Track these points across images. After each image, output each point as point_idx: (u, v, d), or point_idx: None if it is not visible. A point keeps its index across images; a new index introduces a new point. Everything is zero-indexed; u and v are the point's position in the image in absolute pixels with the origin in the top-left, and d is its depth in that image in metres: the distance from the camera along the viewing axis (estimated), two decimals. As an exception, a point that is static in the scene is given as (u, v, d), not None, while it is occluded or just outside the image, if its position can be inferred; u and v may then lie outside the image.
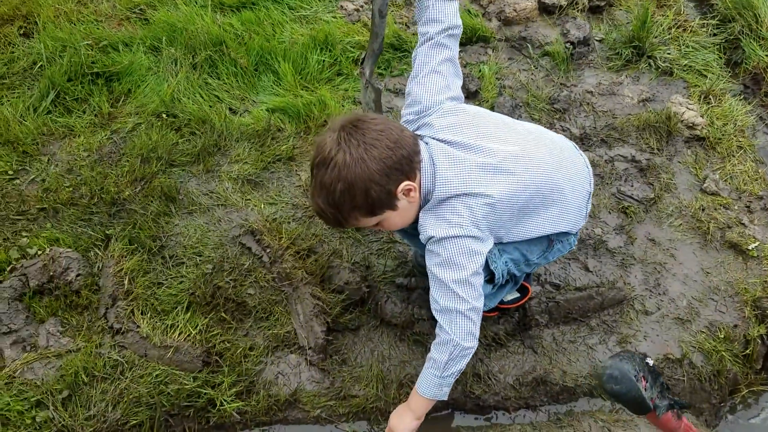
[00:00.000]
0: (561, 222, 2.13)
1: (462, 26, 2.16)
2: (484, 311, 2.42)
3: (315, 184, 1.91)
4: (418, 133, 2.05)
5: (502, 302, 2.45)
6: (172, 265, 2.70)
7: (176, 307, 2.56)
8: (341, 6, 3.64)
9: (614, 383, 1.06)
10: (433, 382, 2.05)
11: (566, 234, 2.22)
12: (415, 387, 2.10)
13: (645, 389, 1.07)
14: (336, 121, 1.91)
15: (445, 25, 2.09)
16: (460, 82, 2.16)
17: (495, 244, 2.06)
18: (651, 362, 1.09)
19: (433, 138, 2.00)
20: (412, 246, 2.53)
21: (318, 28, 3.43)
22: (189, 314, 2.55)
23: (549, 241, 2.21)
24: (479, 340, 2.45)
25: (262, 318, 2.58)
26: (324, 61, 3.32)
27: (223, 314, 2.56)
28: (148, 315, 2.53)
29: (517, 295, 2.49)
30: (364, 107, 2.65)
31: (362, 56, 2.48)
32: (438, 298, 1.99)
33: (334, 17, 3.58)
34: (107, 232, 2.74)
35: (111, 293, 2.55)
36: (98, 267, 2.64)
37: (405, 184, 1.89)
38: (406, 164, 1.89)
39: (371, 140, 1.84)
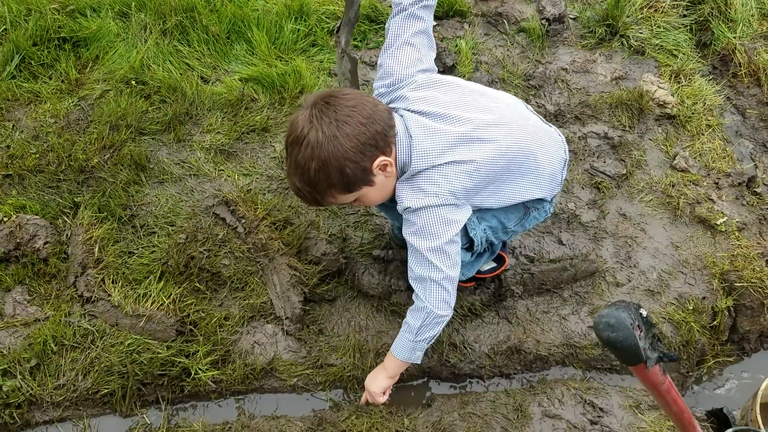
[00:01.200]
0: (536, 189, 2.15)
1: None
2: (461, 281, 2.44)
3: (290, 163, 1.88)
4: (392, 106, 2.03)
5: (479, 272, 2.46)
6: (144, 235, 2.64)
7: (148, 277, 2.51)
8: (316, -23, 3.58)
9: (611, 331, 1.07)
10: (407, 345, 2.07)
11: (542, 201, 2.24)
12: (391, 349, 2.12)
13: (639, 338, 1.08)
14: (309, 98, 1.88)
15: None
16: (434, 55, 2.14)
17: (473, 212, 2.06)
18: (645, 313, 1.10)
19: (408, 110, 1.98)
20: (390, 218, 2.52)
21: (292, -3, 3.37)
22: (162, 283, 2.50)
23: (525, 208, 2.22)
24: (455, 310, 2.48)
25: (238, 288, 2.55)
26: (299, 30, 3.27)
27: (197, 284, 2.52)
28: (119, 284, 2.47)
29: (494, 264, 2.50)
30: (340, 78, 2.61)
31: (337, 25, 2.44)
32: (413, 267, 1.99)
33: (309, -13, 3.52)
34: (76, 199, 2.67)
35: (80, 261, 2.48)
36: (67, 235, 2.57)
37: (381, 160, 1.87)
38: (381, 139, 1.86)
39: (343, 117, 1.81)
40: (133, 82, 3.06)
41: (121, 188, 2.72)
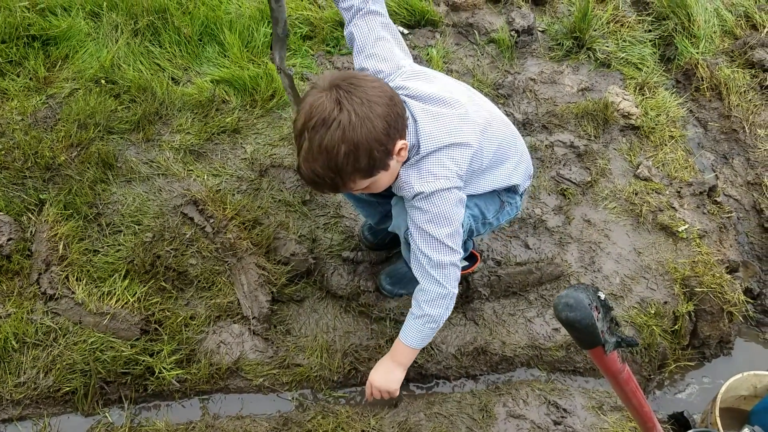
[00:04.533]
0: (516, 174, 2.19)
1: None
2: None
3: (310, 148, 1.75)
4: None
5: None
6: (109, 233, 2.62)
7: (113, 275, 2.49)
8: (290, -17, 3.61)
9: (569, 311, 1.10)
10: (428, 334, 2.06)
11: (514, 196, 2.29)
12: (402, 342, 2.08)
13: (597, 320, 1.11)
14: (323, 80, 1.78)
15: None
16: (402, 41, 2.12)
17: None
18: (603, 296, 1.13)
19: (407, 97, 1.95)
20: (364, 215, 2.53)
21: (265, 1, 3.38)
22: (127, 282, 2.48)
23: (501, 202, 2.26)
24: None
25: (204, 288, 2.53)
26: (272, 34, 3.28)
27: (163, 283, 2.50)
28: (84, 281, 2.45)
29: (466, 263, 2.53)
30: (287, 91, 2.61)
31: (270, 43, 2.44)
32: (430, 254, 1.95)
33: (283, -7, 3.54)
34: (41, 196, 2.64)
35: (44, 258, 2.44)
36: (31, 232, 2.54)
37: (401, 143, 1.83)
38: (401, 122, 1.83)
39: (374, 97, 1.75)
40: (103, 81, 3.04)
41: (88, 186, 2.69)
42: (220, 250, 2.56)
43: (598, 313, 1.12)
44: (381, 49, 2.04)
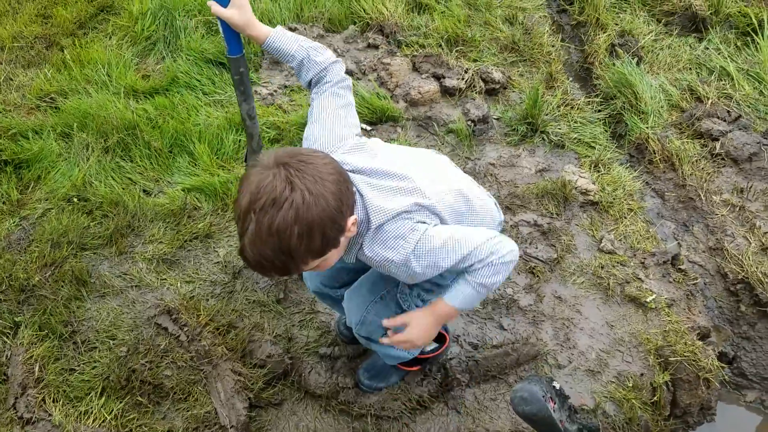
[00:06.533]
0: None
1: (351, 81, 2.14)
2: (404, 366, 2.48)
3: (258, 231, 1.63)
4: None
5: (422, 353, 2.49)
6: (85, 350, 2.62)
7: (89, 393, 2.47)
8: (255, 91, 3.77)
9: (525, 404, 1.13)
10: (478, 299, 1.93)
11: None
12: (448, 302, 1.94)
13: (554, 410, 1.14)
14: (267, 158, 1.68)
15: (338, 79, 2.08)
16: (358, 122, 2.11)
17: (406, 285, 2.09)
18: (558, 386, 1.17)
19: (351, 171, 1.91)
20: (340, 312, 2.52)
21: (233, 111, 3.53)
22: (103, 399, 2.46)
23: None
24: (404, 404, 2.51)
25: (181, 399, 2.52)
26: (240, 141, 3.41)
27: (139, 398, 2.49)
28: (60, 402, 2.43)
29: (436, 345, 2.53)
30: None
31: (245, 155, 2.54)
32: (482, 256, 1.84)
33: (248, 101, 3.70)
34: (16, 319, 2.65)
35: (20, 382, 2.43)
36: (6, 356, 2.53)
37: (352, 218, 1.78)
38: (351, 198, 1.78)
39: (326, 174, 1.68)
40: (75, 200, 3.11)
41: (62, 305, 2.71)
42: (195, 359, 2.57)
43: (554, 403, 1.15)
44: (330, 121, 2.02)
